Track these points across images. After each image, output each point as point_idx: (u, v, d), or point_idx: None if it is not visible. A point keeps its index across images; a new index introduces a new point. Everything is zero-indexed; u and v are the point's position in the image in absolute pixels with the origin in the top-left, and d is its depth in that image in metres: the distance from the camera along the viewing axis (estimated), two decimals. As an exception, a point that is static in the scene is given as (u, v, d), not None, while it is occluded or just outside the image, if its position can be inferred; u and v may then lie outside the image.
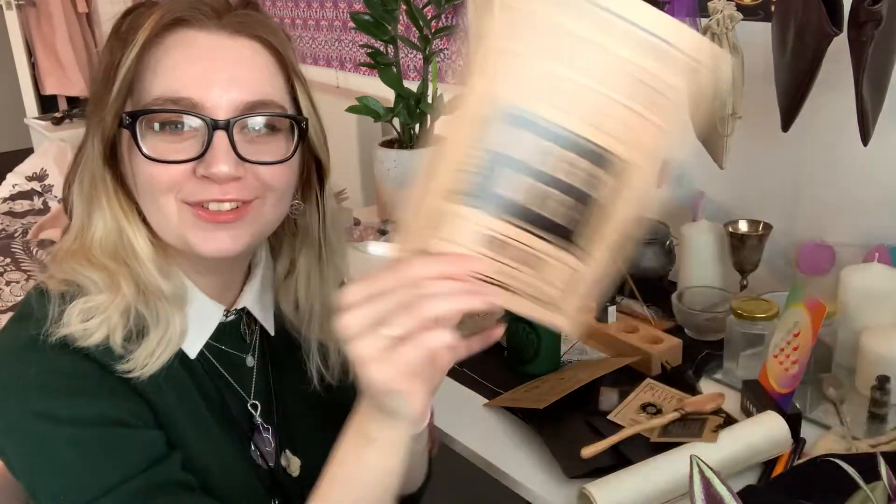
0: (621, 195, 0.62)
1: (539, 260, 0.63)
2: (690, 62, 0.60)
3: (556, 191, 0.61)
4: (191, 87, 0.78)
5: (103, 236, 0.82)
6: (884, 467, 0.63)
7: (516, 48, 0.59)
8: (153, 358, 0.80)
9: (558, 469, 1.05)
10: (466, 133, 0.60)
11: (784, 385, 1.09)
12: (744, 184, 1.58)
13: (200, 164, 0.78)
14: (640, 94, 0.60)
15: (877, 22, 1.08)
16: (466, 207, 0.61)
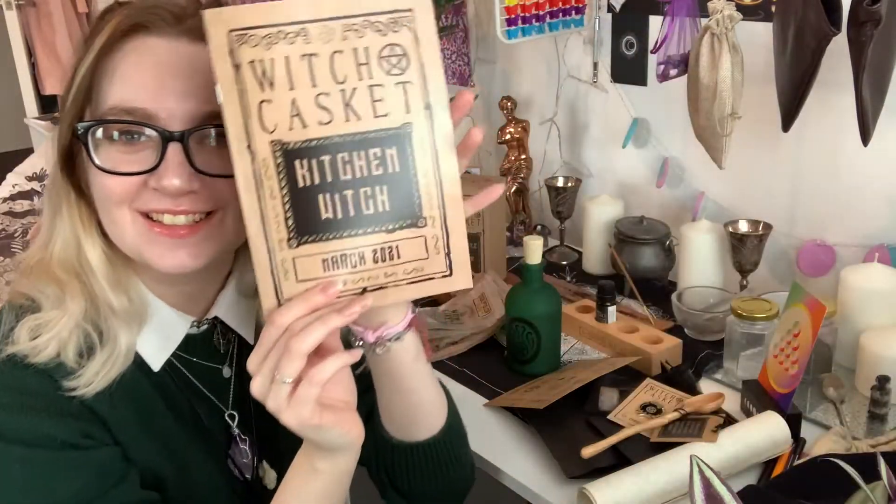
0: (414, 154, 0.68)
1: (389, 250, 0.69)
2: (402, 15, 0.67)
3: (364, 188, 0.68)
4: (145, 97, 0.75)
5: (62, 248, 0.81)
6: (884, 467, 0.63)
7: (267, 95, 0.66)
8: (98, 376, 0.78)
9: (558, 469, 1.05)
10: (270, 185, 0.67)
11: (784, 385, 1.09)
12: (744, 184, 1.58)
13: (153, 176, 0.75)
14: (379, 69, 0.67)
15: (876, 22, 1.08)
16: (304, 245, 0.68)
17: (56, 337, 0.77)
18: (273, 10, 0.65)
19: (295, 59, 0.65)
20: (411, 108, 0.67)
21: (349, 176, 0.67)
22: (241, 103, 0.65)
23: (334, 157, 0.67)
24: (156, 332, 0.85)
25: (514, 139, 1.86)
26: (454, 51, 2.17)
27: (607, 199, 1.68)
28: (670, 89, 1.54)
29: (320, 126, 0.66)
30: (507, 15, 1.65)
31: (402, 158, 0.68)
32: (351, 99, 0.66)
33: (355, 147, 0.67)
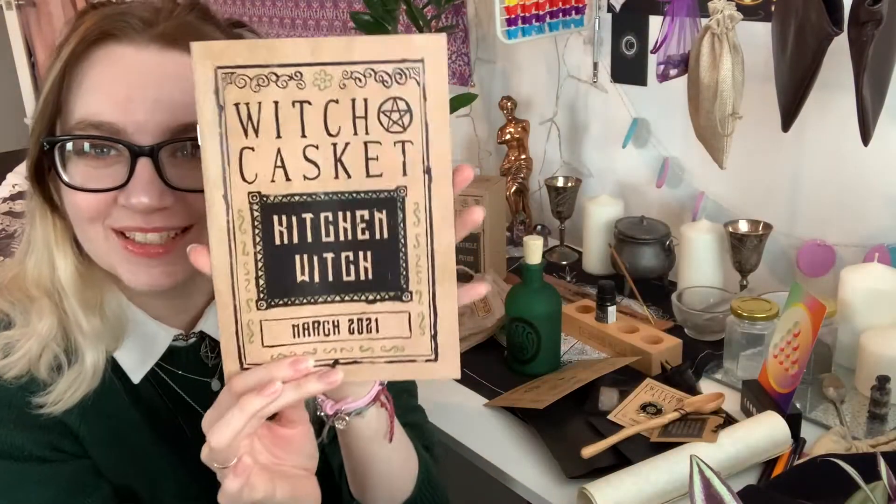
0: (406, 221, 0.62)
1: (367, 321, 0.63)
2: (409, 65, 0.61)
3: (346, 252, 0.62)
4: (112, 109, 0.72)
5: (35, 264, 0.79)
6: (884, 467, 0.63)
7: (251, 142, 0.60)
8: (66, 394, 0.77)
9: (558, 469, 1.05)
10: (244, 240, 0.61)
11: (784, 385, 1.09)
12: (744, 184, 1.58)
13: (122, 193, 0.73)
14: (377, 124, 0.60)
15: (877, 22, 1.07)
16: (274, 308, 0.62)
17: (25, 355, 0.76)
18: (267, 49, 0.59)
19: (285, 104, 0.60)
20: (408, 170, 0.61)
21: (331, 238, 0.62)
22: (221, 148, 0.60)
23: (317, 216, 0.61)
24: (137, 345, 0.83)
25: (514, 139, 1.86)
26: (454, 51, 2.17)
27: (607, 199, 1.68)
28: (670, 89, 1.54)
29: (305, 181, 0.61)
30: (507, 15, 1.65)
31: (392, 224, 0.61)
32: (342, 154, 0.60)
33: (342, 207, 0.61)
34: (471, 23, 2.12)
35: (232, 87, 0.59)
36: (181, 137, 0.73)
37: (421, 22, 1.89)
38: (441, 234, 0.62)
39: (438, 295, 0.63)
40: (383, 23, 1.94)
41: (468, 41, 2.14)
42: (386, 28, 1.94)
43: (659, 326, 1.39)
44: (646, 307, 1.48)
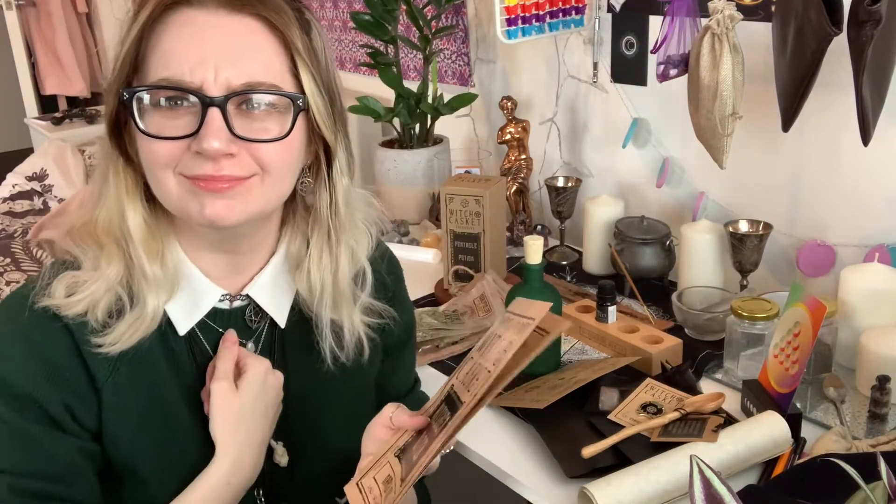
0: (446, 427, 0.82)
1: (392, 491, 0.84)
2: (528, 321, 0.83)
3: (427, 438, 0.86)
4: (187, 67, 0.79)
5: (106, 213, 0.86)
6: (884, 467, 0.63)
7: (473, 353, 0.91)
8: (125, 336, 0.84)
9: (558, 469, 1.05)
10: None
11: (784, 385, 1.09)
12: (744, 184, 1.58)
13: (194, 140, 0.80)
14: (494, 356, 0.83)
15: (876, 22, 1.08)
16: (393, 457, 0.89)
17: (89, 297, 0.83)
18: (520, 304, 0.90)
19: (495, 336, 0.88)
20: (473, 394, 0.83)
21: (435, 426, 0.87)
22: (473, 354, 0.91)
23: (441, 417, 0.87)
24: (187, 298, 0.90)
25: (514, 139, 1.86)
26: (454, 51, 2.17)
27: (607, 199, 1.69)
28: (670, 89, 1.54)
29: (461, 384, 0.88)
30: (507, 15, 1.65)
31: (443, 428, 0.84)
32: (479, 372, 0.86)
33: (450, 407, 0.86)
34: (471, 23, 2.12)
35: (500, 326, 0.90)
36: (245, 91, 0.80)
37: (421, 22, 1.89)
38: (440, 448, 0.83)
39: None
40: (383, 23, 1.94)
41: (468, 41, 2.14)
42: (386, 28, 1.94)
43: (659, 326, 1.39)
44: (646, 307, 1.48)
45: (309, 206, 0.94)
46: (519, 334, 0.82)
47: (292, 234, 0.95)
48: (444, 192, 1.56)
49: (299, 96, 0.84)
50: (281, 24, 0.83)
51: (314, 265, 0.93)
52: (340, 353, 0.95)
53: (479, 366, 0.85)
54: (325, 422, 0.99)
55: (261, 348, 0.95)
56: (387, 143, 2.07)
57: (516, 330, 0.83)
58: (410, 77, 2.25)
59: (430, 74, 1.96)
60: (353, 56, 2.55)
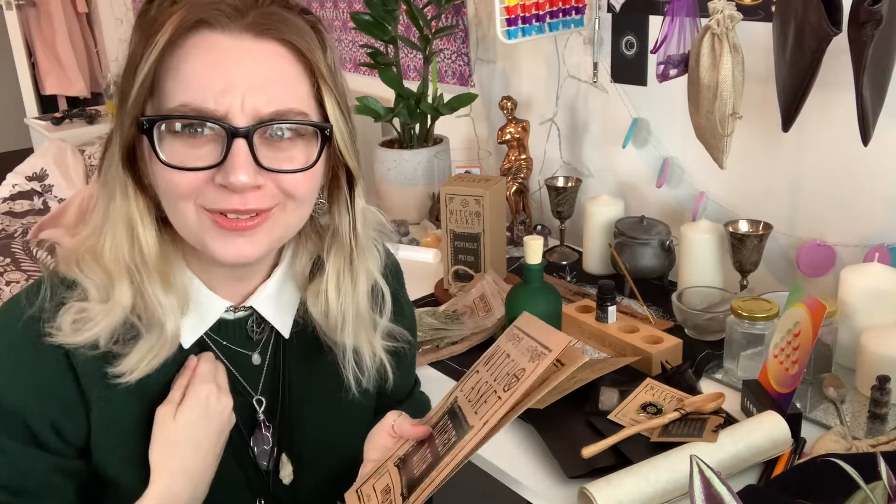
0: (452, 451, 0.81)
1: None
2: (544, 351, 0.81)
3: (429, 453, 0.84)
4: (211, 94, 0.76)
5: (114, 239, 0.82)
6: (884, 467, 0.63)
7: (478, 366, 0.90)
8: (143, 363, 0.81)
9: (558, 469, 1.05)
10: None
11: (784, 385, 1.09)
12: (744, 184, 1.58)
13: (219, 171, 0.76)
14: (504, 380, 0.82)
15: (877, 22, 1.07)
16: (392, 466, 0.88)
17: (97, 327, 0.80)
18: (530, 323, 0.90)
19: (503, 353, 0.88)
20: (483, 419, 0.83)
21: (438, 440, 0.87)
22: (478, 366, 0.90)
23: (442, 432, 0.87)
24: (194, 312, 0.87)
25: (514, 139, 1.86)
26: (454, 51, 2.17)
27: (607, 199, 1.68)
28: (670, 89, 1.54)
29: (466, 400, 0.88)
30: (507, 15, 1.65)
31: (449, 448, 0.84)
32: (486, 392, 0.85)
33: (454, 423, 0.86)
34: (471, 23, 2.12)
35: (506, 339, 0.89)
36: (273, 120, 0.78)
37: (421, 22, 1.89)
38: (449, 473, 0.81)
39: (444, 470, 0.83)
40: (383, 23, 1.94)
41: (468, 41, 2.14)
42: (386, 28, 1.94)
43: (659, 326, 1.39)
44: (646, 307, 1.48)
45: (321, 226, 0.92)
46: (534, 364, 0.79)
47: (296, 250, 0.93)
48: (444, 192, 1.56)
49: (327, 125, 0.82)
50: (306, 49, 0.80)
51: (332, 288, 0.90)
52: (363, 379, 0.93)
53: (486, 385, 0.84)
54: (330, 431, 0.98)
55: (267, 360, 0.94)
56: (387, 143, 2.07)
57: (530, 357, 0.81)
58: (410, 77, 2.25)
59: (430, 74, 1.96)
60: (353, 56, 2.55)
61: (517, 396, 0.78)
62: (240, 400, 0.91)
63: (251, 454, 0.93)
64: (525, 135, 1.88)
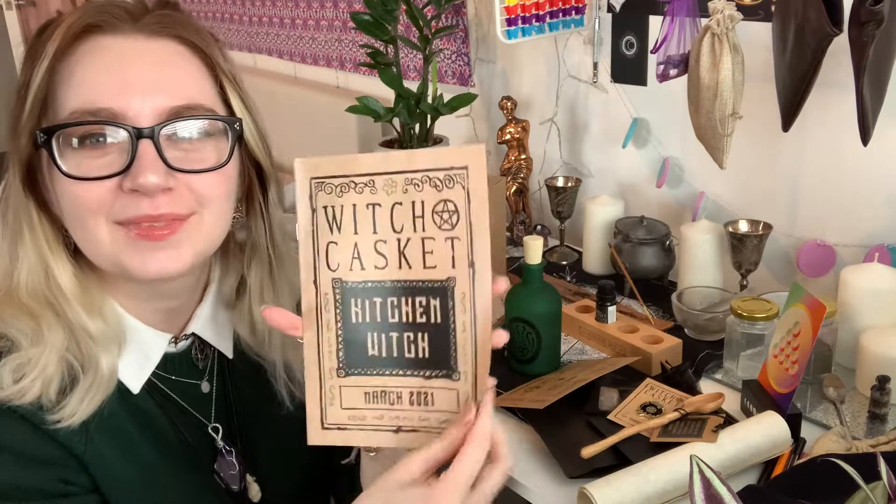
0: (455, 308, 0.71)
1: (425, 395, 0.72)
2: (457, 172, 0.71)
3: (407, 333, 0.71)
4: (109, 95, 0.72)
5: (28, 276, 0.77)
6: (884, 467, 0.63)
7: (335, 237, 0.72)
8: (83, 404, 0.75)
9: (558, 469, 1.05)
10: (328, 318, 0.72)
11: (784, 385, 1.09)
12: (744, 184, 1.58)
13: (126, 177, 0.73)
14: (432, 222, 0.71)
15: (878, 22, 1.07)
16: (351, 377, 0.72)
17: (41, 375, 0.74)
18: (348, 163, 0.71)
19: (361, 207, 0.71)
20: (457, 263, 0.70)
21: (396, 319, 0.71)
22: (313, 242, 0.71)
23: (385, 300, 0.71)
24: (134, 353, 0.82)
25: (514, 139, 1.86)
26: (454, 51, 2.17)
27: (607, 199, 1.68)
28: (670, 89, 1.54)
29: (376, 270, 0.71)
30: (507, 15, 1.65)
31: (444, 311, 0.70)
32: (405, 248, 0.71)
33: (404, 293, 0.71)
34: (471, 23, 2.12)
35: (321, 193, 0.71)
36: (179, 118, 0.74)
37: (421, 22, 1.89)
38: (482, 321, 0.70)
39: (479, 376, 0.71)
40: (383, 23, 1.94)
41: (468, 41, 2.14)
42: (386, 28, 1.94)
43: (659, 326, 1.39)
44: (646, 307, 1.48)
45: (240, 243, 0.89)
46: (457, 187, 0.71)
47: (224, 269, 0.90)
48: (444, 192, 1.56)
49: (237, 119, 0.79)
50: (204, 45, 0.78)
51: (255, 301, 0.88)
52: (297, 392, 0.90)
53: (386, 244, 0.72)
54: (285, 446, 0.96)
55: (215, 385, 0.91)
56: (387, 143, 2.07)
57: (435, 187, 0.71)
58: (410, 77, 2.25)
59: (430, 74, 1.96)
60: (353, 56, 2.55)
61: (480, 222, 0.72)
62: (197, 432, 0.89)
63: (221, 482, 0.90)
64: (525, 135, 1.87)
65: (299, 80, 2.88)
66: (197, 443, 0.89)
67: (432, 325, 0.71)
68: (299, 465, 0.98)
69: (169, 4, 0.80)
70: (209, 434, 0.91)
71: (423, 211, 0.70)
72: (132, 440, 0.82)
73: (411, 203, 0.70)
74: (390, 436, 0.73)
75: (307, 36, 2.77)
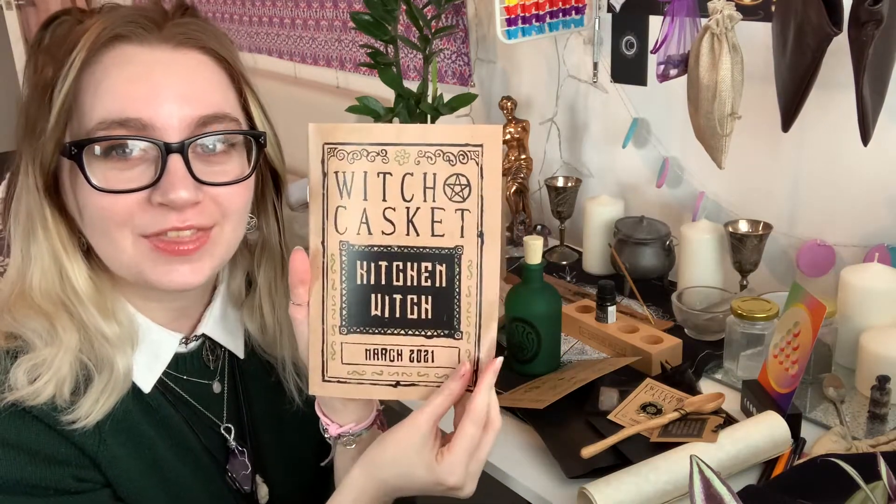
0: (461, 274, 0.74)
1: (425, 353, 0.76)
2: (472, 149, 0.73)
3: (411, 295, 0.75)
4: (137, 106, 0.72)
5: (42, 277, 0.76)
6: (884, 467, 0.63)
7: (344, 202, 0.75)
8: (98, 405, 0.76)
9: (558, 469, 1.05)
10: (333, 278, 0.76)
11: (784, 385, 1.09)
12: (744, 184, 1.58)
13: (155, 191, 0.73)
14: (443, 194, 0.74)
15: (878, 22, 1.07)
16: (352, 334, 0.77)
17: (55, 376, 0.74)
18: (361, 131, 0.74)
19: (372, 175, 0.74)
20: (465, 233, 0.74)
21: (400, 283, 0.75)
22: (323, 205, 0.74)
23: (390, 264, 0.75)
24: (145, 353, 0.83)
25: (514, 139, 1.86)
26: (454, 51, 2.17)
27: (607, 199, 1.68)
28: (670, 89, 1.54)
29: (383, 235, 0.75)
30: (507, 15, 1.65)
31: (450, 276, 0.75)
32: (414, 216, 0.74)
33: (410, 259, 0.75)
34: (471, 23, 2.12)
35: (334, 159, 0.74)
36: (207, 132, 0.75)
37: (421, 22, 1.89)
38: (488, 288, 0.74)
39: (483, 337, 0.75)
40: (383, 23, 1.94)
41: (468, 41, 2.14)
42: (386, 28, 1.94)
43: (659, 326, 1.39)
44: (646, 307, 1.48)
45: (247, 242, 0.89)
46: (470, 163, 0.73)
47: (231, 269, 0.90)
48: (444, 192, 1.56)
49: (261, 133, 0.80)
50: (229, 56, 0.78)
51: (266, 305, 0.89)
52: (305, 388, 0.89)
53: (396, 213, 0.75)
54: (293, 448, 0.97)
55: (226, 386, 0.92)
56: (387, 143, 2.07)
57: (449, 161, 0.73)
58: (410, 77, 2.25)
59: (429, 74, 1.96)
60: (353, 56, 2.55)
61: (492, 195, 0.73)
62: (209, 432, 0.89)
63: (233, 483, 0.91)
64: (525, 135, 1.87)
65: (299, 80, 2.88)
66: (210, 443, 0.89)
67: (436, 289, 0.75)
68: (306, 467, 0.98)
69: (188, 10, 0.80)
70: (221, 434, 0.91)
71: (435, 182, 0.73)
72: (145, 440, 0.82)
73: (423, 174, 0.74)
74: (389, 390, 0.77)
75: (307, 36, 2.77)
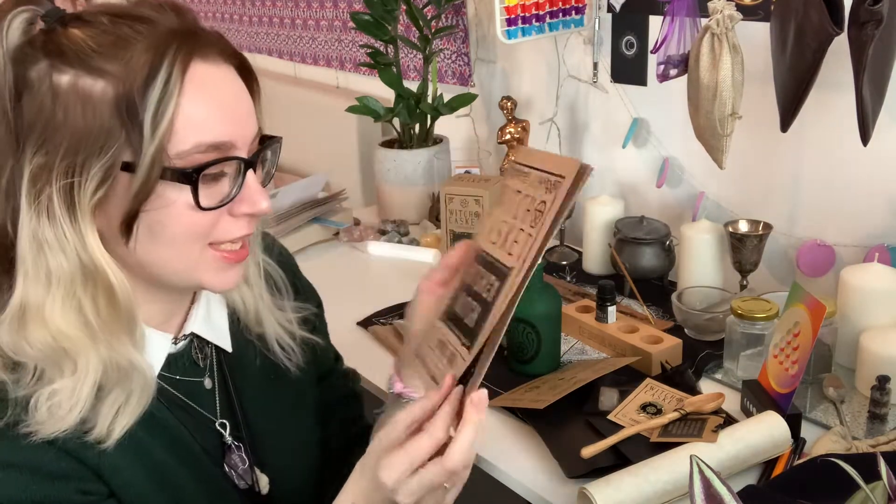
0: (502, 293, 0.76)
1: (454, 356, 0.79)
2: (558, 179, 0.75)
3: (475, 302, 0.79)
4: (225, 130, 0.74)
5: (67, 294, 0.74)
6: (884, 467, 0.63)
7: (494, 209, 0.83)
8: (122, 417, 0.76)
9: (558, 469, 1.05)
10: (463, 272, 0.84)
11: (784, 385, 1.09)
12: (744, 184, 1.58)
13: (236, 203, 0.77)
14: (528, 217, 0.77)
15: (878, 22, 1.07)
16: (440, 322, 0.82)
17: (77, 404, 0.73)
18: (523, 153, 0.82)
19: (512, 191, 0.81)
20: (521, 257, 0.76)
21: (477, 288, 0.80)
22: (489, 210, 0.82)
23: (478, 270, 0.81)
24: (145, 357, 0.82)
25: (514, 139, 1.86)
26: (454, 51, 2.17)
27: (607, 199, 1.68)
28: (670, 89, 1.54)
29: (490, 243, 0.81)
30: (507, 15, 1.65)
31: (497, 293, 0.77)
32: (510, 232, 0.79)
33: (489, 269, 0.79)
34: (471, 23, 2.12)
35: (510, 172, 0.83)
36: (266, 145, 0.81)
37: (421, 22, 1.89)
38: (506, 313, 0.75)
39: (483, 355, 0.76)
40: (383, 23, 1.94)
41: (468, 41, 2.14)
42: (386, 28, 1.94)
43: (659, 326, 1.39)
44: (646, 307, 1.48)
45: None
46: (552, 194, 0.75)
47: None
48: (444, 192, 1.56)
49: (279, 137, 0.84)
50: (249, 66, 0.81)
51: (243, 286, 0.91)
52: (293, 356, 0.95)
53: (508, 226, 0.80)
54: (295, 438, 0.98)
55: (217, 382, 0.92)
56: (387, 143, 2.07)
57: (545, 189, 0.76)
58: (410, 77, 2.25)
59: (429, 74, 1.96)
60: (353, 56, 2.55)
61: (546, 228, 0.75)
62: (205, 430, 0.89)
63: (232, 478, 0.91)
64: (525, 135, 1.87)
65: (299, 80, 2.88)
66: (206, 442, 0.89)
67: (486, 302, 0.77)
68: (306, 456, 0.98)
69: (182, 10, 0.79)
70: (217, 430, 0.91)
71: (532, 206, 0.77)
72: (144, 445, 0.82)
73: (531, 198, 0.78)
74: (429, 382, 0.82)
75: (307, 36, 2.77)
